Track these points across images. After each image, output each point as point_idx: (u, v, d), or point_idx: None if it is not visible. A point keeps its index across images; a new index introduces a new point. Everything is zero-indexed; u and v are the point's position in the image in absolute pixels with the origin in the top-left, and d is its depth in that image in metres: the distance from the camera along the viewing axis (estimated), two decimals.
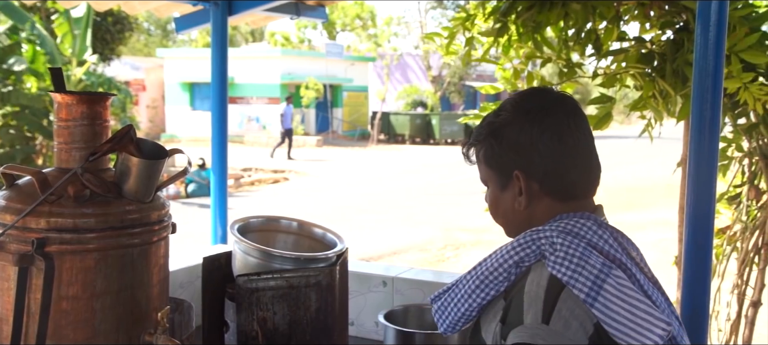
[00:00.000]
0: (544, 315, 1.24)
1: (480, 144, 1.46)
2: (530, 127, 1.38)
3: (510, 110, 1.43)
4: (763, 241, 3.35)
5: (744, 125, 3.09)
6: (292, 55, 30.82)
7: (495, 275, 1.36)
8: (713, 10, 1.78)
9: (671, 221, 3.47)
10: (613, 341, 1.22)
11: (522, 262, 1.33)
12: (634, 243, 1.44)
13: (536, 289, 1.27)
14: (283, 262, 2.12)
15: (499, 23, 2.99)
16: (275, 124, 28.81)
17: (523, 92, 1.49)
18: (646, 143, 3.32)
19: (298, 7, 3.34)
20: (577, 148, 1.39)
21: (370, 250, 9.46)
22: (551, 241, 1.31)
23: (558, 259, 1.27)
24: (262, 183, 17.16)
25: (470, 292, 1.40)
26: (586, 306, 1.23)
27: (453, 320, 1.45)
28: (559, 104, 1.42)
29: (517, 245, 1.35)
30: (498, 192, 1.45)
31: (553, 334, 1.22)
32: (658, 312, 1.24)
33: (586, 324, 1.23)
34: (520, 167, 1.39)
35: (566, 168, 1.38)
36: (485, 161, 1.45)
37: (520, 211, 1.41)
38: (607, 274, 1.25)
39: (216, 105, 3.20)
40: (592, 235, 1.33)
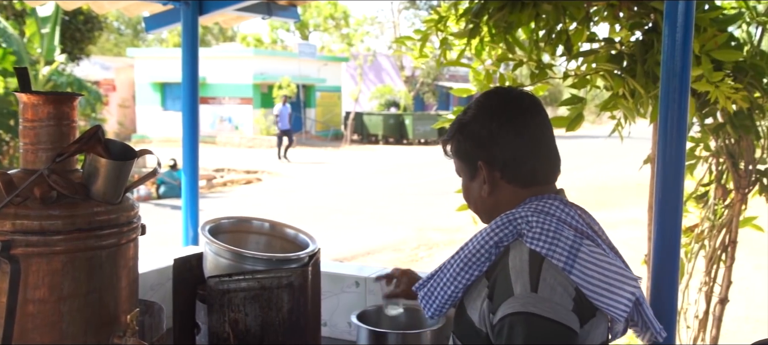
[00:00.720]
0: (532, 284, 1.38)
1: (451, 139, 1.63)
2: (490, 122, 1.55)
3: (474, 108, 1.60)
4: (730, 239, 3.40)
5: (711, 125, 3.13)
6: (265, 56, 30.64)
7: (477, 257, 1.50)
8: (680, 11, 1.81)
9: (641, 220, 3.52)
10: (586, 306, 1.40)
11: (501, 242, 1.48)
12: (595, 219, 1.61)
13: (520, 264, 1.41)
14: (254, 263, 2.11)
15: (471, 25, 3.00)
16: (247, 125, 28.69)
17: (486, 92, 1.68)
18: (616, 143, 3.36)
19: (269, 7, 3.32)
20: (533, 139, 1.55)
21: (344, 250, 9.44)
22: (527, 220, 1.46)
23: (535, 235, 1.43)
24: (234, 184, 17.04)
25: (455, 274, 1.54)
26: (566, 273, 1.39)
27: (440, 303, 1.58)
28: (516, 101, 1.59)
29: (495, 227, 1.49)
30: (468, 182, 1.63)
31: (542, 301, 1.36)
32: (627, 272, 1.42)
33: (568, 288, 1.38)
34: (482, 158, 1.55)
35: (524, 157, 1.54)
36: (456, 154, 1.62)
37: (485, 198, 1.58)
38: (579, 243, 1.41)
39: (187, 105, 3.17)
40: (560, 212, 1.49)
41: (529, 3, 2.89)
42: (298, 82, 28.57)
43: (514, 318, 1.36)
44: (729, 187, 3.30)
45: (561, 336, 1.34)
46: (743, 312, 6.63)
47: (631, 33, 2.96)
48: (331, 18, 33.74)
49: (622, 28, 2.98)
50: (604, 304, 1.38)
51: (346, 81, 35.20)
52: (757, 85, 2.88)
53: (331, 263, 2.85)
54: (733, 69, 2.82)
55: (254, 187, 16.63)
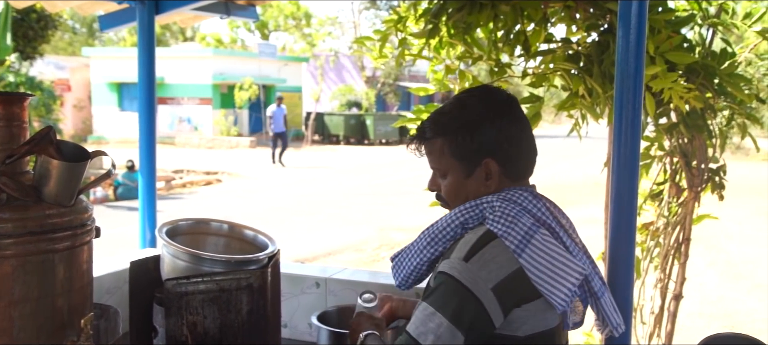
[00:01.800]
0: (468, 254, 1.50)
1: (445, 137, 1.63)
2: (500, 119, 1.60)
3: (476, 105, 1.62)
4: (684, 237, 3.47)
5: (665, 125, 3.19)
6: (224, 56, 30.35)
7: (443, 234, 1.61)
8: (633, 13, 1.84)
9: (599, 219, 3.58)
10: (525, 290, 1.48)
11: (466, 224, 1.58)
12: (565, 213, 1.69)
13: (471, 237, 1.54)
14: (213, 264, 2.09)
15: (431, 25, 3.01)
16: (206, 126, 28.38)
17: (479, 90, 1.72)
18: (575, 142, 3.41)
19: (227, 6, 3.29)
20: (529, 135, 1.66)
21: (305, 251, 9.40)
22: (491, 205, 1.56)
23: (495, 217, 1.53)
24: (194, 185, 16.84)
25: (421, 248, 1.65)
26: (514, 256, 1.48)
27: (406, 274, 1.70)
28: (513, 100, 1.66)
29: (463, 209, 1.60)
30: (461, 179, 1.64)
31: (467, 270, 1.47)
32: (574, 262, 1.50)
33: (502, 270, 1.48)
34: (491, 155, 1.60)
35: (524, 153, 1.64)
36: (451, 153, 1.63)
37: (487, 193, 1.62)
38: (535, 231, 1.51)
39: (143, 106, 3.12)
40: (527, 202, 1.58)
41: (487, 4, 2.92)
42: (258, 83, 28.37)
43: (440, 276, 1.51)
44: (682, 186, 3.37)
45: (468, 303, 1.45)
46: (697, 308, 6.79)
47: (587, 34, 3.01)
48: (292, 18, 33.57)
49: (579, 29, 3.02)
50: (546, 290, 1.47)
51: (306, 81, 35.06)
52: (708, 86, 2.95)
53: (291, 264, 2.83)
54: (686, 70, 2.88)
55: (214, 189, 16.46)
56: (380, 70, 33.86)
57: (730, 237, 10.29)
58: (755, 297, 7.54)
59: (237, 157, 23.22)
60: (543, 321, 1.53)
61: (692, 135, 3.15)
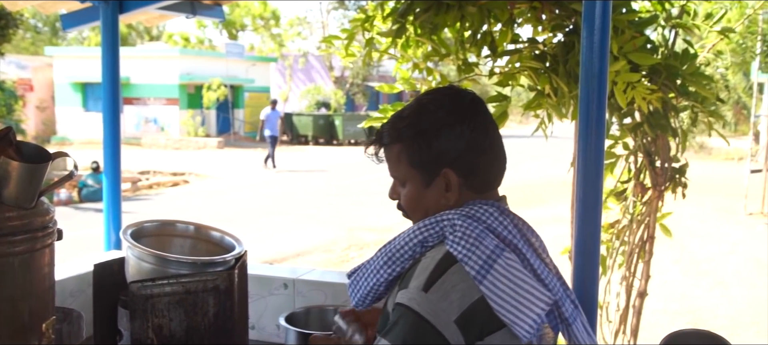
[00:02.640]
0: (427, 284, 1.35)
1: (402, 144, 1.48)
2: (461, 126, 1.44)
3: (436, 110, 1.46)
4: (648, 235, 3.52)
5: (629, 124, 3.24)
6: (191, 55, 30.07)
7: (401, 253, 1.45)
8: (597, 14, 1.86)
9: (567, 217, 3.61)
10: (489, 320, 1.33)
11: (426, 242, 1.43)
12: (536, 232, 1.54)
13: (429, 262, 1.38)
14: (178, 266, 2.07)
15: (398, 24, 3.02)
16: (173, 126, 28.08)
17: (441, 92, 1.55)
18: (543, 142, 3.44)
19: (193, 6, 3.25)
20: (495, 143, 1.49)
21: (274, 252, 9.35)
22: (452, 223, 1.40)
23: (456, 238, 1.37)
24: (160, 186, 16.65)
25: (378, 268, 1.49)
26: (475, 282, 1.33)
27: (363, 294, 1.53)
28: (478, 103, 1.49)
29: (422, 226, 1.44)
30: (421, 189, 1.49)
31: (428, 302, 1.33)
32: (540, 291, 1.35)
33: (464, 299, 1.33)
34: (449, 165, 1.45)
35: (489, 162, 1.48)
36: (409, 161, 1.48)
37: (446, 205, 1.47)
38: (498, 255, 1.36)
39: (107, 106, 3.08)
40: (492, 220, 1.42)
41: (454, 5, 2.93)
42: (226, 83, 28.16)
43: (398, 308, 1.36)
44: (647, 185, 3.42)
45: (430, 338, 1.32)
46: (662, 305, 6.90)
47: (553, 35, 3.04)
48: (260, 17, 33.39)
49: (545, 29, 3.05)
50: (509, 319, 1.32)
51: (275, 81, 34.90)
52: (671, 86, 3.00)
53: (259, 265, 2.81)
54: (649, 70, 2.93)
55: (181, 190, 16.30)
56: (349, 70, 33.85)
57: (693, 235, 10.48)
58: (717, 293, 7.69)
59: (204, 158, 23.01)
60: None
61: (656, 134, 3.20)
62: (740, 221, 12.02)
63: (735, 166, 18.45)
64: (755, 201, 12.57)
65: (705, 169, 17.39)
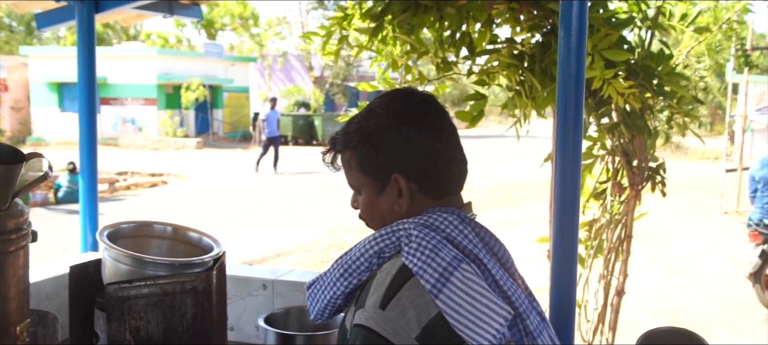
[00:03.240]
0: (384, 301, 1.28)
1: (351, 150, 1.44)
2: (408, 129, 1.38)
3: (383, 114, 1.42)
4: (626, 234, 3.55)
5: (607, 125, 3.26)
6: (169, 55, 29.84)
7: (357, 265, 1.39)
8: (574, 14, 1.87)
9: (546, 217, 3.63)
10: (448, 335, 1.26)
11: (382, 253, 1.37)
12: (501, 242, 1.47)
13: (385, 277, 1.31)
14: (156, 268, 2.05)
15: (375, 23, 3.02)
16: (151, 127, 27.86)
17: (391, 94, 1.49)
18: (523, 141, 3.45)
19: (171, 5, 3.23)
20: (450, 145, 1.42)
21: (253, 253, 9.31)
22: (408, 233, 1.34)
23: (411, 250, 1.31)
24: (139, 187, 16.52)
25: (335, 280, 1.43)
26: (430, 297, 1.27)
27: (320, 307, 1.47)
28: (428, 104, 1.44)
29: (378, 236, 1.38)
30: (374, 196, 1.44)
31: (386, 320, 1.27)
32: (499, 305, 1.28)
33: (422, 314, 1.26)
34: (399, 170, 1.39)
35: (443, 166, 1.41)
36: (359, 167, 1.43)
37: (400, 212, 1.42)
38: (455, 267, 1.29)
39: (83, 107, 3.04)
40: (452, 229, 1.36)
41: (432, 6, 2.93)
42: (204, 83, 28.00)
43: (357, 329, 1.30)
44: (624, 184, 3.45)
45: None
46: (640, 303, 6.97)
47: (531, 35, 3.06)
48: (239, 17, 33.23)
49: (523, 29, 3.06)
50: (467, 335, 1.25)
51: (255, 81, 34.76)
52: (647, 86, 3.03)
53: (237, 266, 2.80)
54: (626, 70, 2.96)
55: (160, 191, 16.18)
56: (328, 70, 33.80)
57: (670, 233, 10.59)
58: (694, 291, 7.78)
59: (183, 158, 22.87)
60: None
61: (633, 134, 3.23)
62: (716, 220, 12.17)
63: (711, 165, 18.69)
64: (730, 200, 12.73)
65: (681, 168, 17.60)
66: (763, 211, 7.01)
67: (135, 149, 25.62)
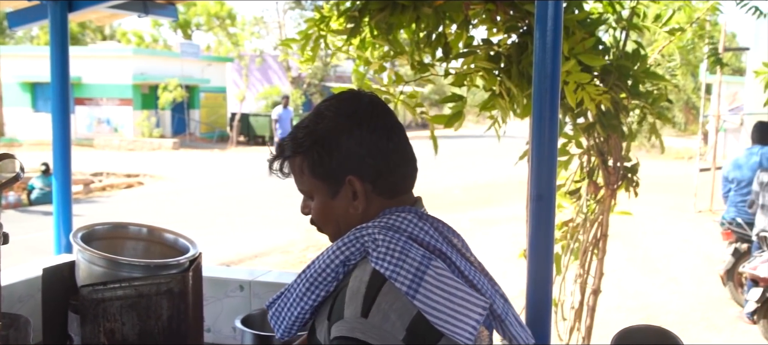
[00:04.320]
0: (364, 309, 1.28)
1: (302, 155, 1.43)
2: (359, 130, 1.39)
3: (332, 116, 1.41)
4: (601, 233, 3.58)
5: (582, 124, 3.29)
6: (145, 55, 29.57)
7: (324, 276, 1.38)
8: (550, 15, 1.89)
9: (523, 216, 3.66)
10: (429, 332, 1.28)
11: (348, 261, 1.36)
12: (455, 230, 1.50)
13: (358, 285, 1.31)
14: (131, 270, 2.03)
15: (353, 24, 3.01)
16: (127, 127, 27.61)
17: (337, 97, 1.48)
18: (501, 142, 3.47)
19: (146, 5, 3.20)
20: (401, 144, 1.44)
21: (231, 254, 9.26)
22: (374, 238, 1.34)
23: (380, 255, 1.31)
24: (114, 188, 16.36)
25: (301, 295, 1.41)
26: (408, 298, 1.28)
27: (287, 325, 1.45)
28: (376, 104, 1.45)
29: (342, 245, 1.37)
30: (327, 200, 1.44)
31: (371, 327, 1.26)
32: (475, 297, 1.31)
33: (404, 315, 1.28)
34: (353, 172, 1.40)
35: (396, 165, 1.42)
36: (311, 172, 1.42)
37: (355, 214, 1.42)
38: (427, 265, 1.31)
39: (57, 107, 3.01)
40: (413, 227, 1.38)
41: (409, 5, 2.94)
42: (181, 83, 27.79)
43: (341, 341, 1.28)
44: (600, 183, 3.48)
45: None
46: (616, 302, 7.03)
47: (507, 36, 3.07)
48: (216, 17, 33.02)
49: (499, 30, 3.08)
50: (448, 330, 1.28)
51: (232, 81, 34.57)
52: (622, 86, 3.06)
53: (215, 268, 2.78)
54: (601, 70, 2.98)
55: (136, 192, 16.03)
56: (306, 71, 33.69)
57: (645, 232, 10.71)
58: (669, 289, 7.87)
59: (159, 159, 22.68)
60: None
61: (608, 134, 3.26)
62: (690, 219, 12.32)
63: (685, 165, 18.92)
64: (704, 199, 12.89)
65: (656, 168, 17.79)
66: (736, 210, 7.11)
67: (110, 150, 25.36)
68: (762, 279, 5.99)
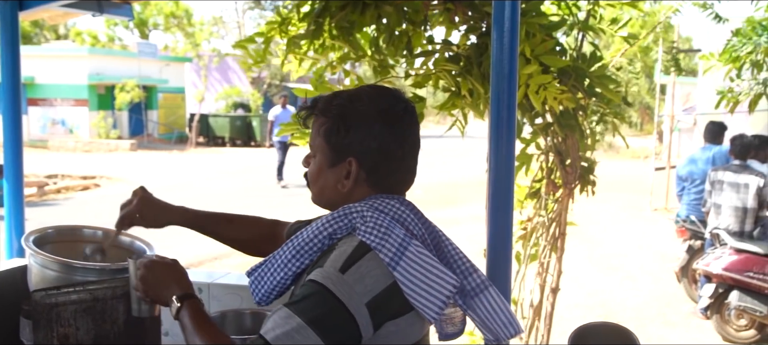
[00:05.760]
0: (344, 265, 1.40)
1: (325, 119, 1.54)
2: (380, 127, 1.51)
3: (367, 103, 1.53)
4: (560, 232, 3.63)
5: (541, 125, 3.33)
6: (101, 55, 29.01)
7: (310, 246, 1.51)
8: (507, 16, 1.90)
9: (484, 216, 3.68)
10: (395, 305, 1.41)
11: (335, 235, 1.49)
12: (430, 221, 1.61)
13: (346, 248, 1.44)
14: (85, 273, 1.99)
15: (314, 26, 3.00)
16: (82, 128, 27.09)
17: (381, 89, 1.60)
18: (462, 142, 3.50)
19: (100, 4, 3.14)
20: (409, 155, 1.56)
21: (190, 256, 9.14)
22: (362, 215, 1.48)
23: (367, 229, 1.45)
24: (70, 190, 16.01)
25: (286, 261, 1.53)
26: (389, 269, 1.41)
27: (268, 290, 1.56)
28: (408, 114, 1.56)
29: (331, 219, 1.50)
30: (325, 166, 1.56)
31: (343, 283, 1.38)
32: (448, 275, 1.44)
33: (378, 284, 1.40)
34: (356, 156, 1.51)
35: (395, 169, 1.54)
36: (325, 136, 1.54)
37: (341, 192, 1.54)
38: (408, 242, 1.44)
39: (8, 107, 2.94)
40: (396, 210, 1.51)
41: (370, 4, 2.94)
42: (138, 83, 27.36)
43: (312, 284, 1.39)
44: (558, 183, 3.52)
45: (341, 318, 1.36)
46: (574, 299, 7.12)
47: (466, 37, 3.09)
48: (173, 16, 32.58)
49: (458, 31, 3.09)
50: (419, 303, 1.41)
51: (189, 82, 34.15)
52: (579, 87, 3.10)
53: None
54: (559, 72, 3.02)
55: (92, 194, 15.72)
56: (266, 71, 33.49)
57: (603, 230, 10.88)
58: (626, 287, 8.01)
59: (117, 160, 22.28)
60: (412, 334, 1.48)
61: (566, 134, 3.30)
62: (646, 217, 12.56)
63: (641, 164, 19.28)
64: (660, 197, 13.15)
65: (613, 167, 18.10)
66: (690, 208, 7.27)
67: (65, 151, 24.84)
68: (715, 275, 6.14)
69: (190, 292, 1.66)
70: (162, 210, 2.07)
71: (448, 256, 1.57)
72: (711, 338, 6.33)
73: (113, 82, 27.30)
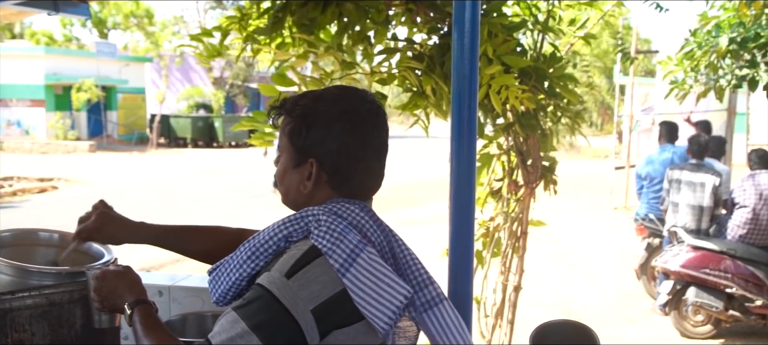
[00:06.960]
0: (290, 271, 1.38)
1: (290, 119, 1.53)
2: (341, 128, 1.48)
3: (329, 103, 1.51)
4: (522, 231, 3.66)
5: (502, 125, 3.35)
6: (58, 54, 28.45)
7: (265, 248, 1.48)
8: (467, 17, 1.91)
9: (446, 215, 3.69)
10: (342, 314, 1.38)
11: (290, 237, 1.47)
12: (400, 238, 1.58)
13: (295, 252, 1.42)
14: (41, 277, 1.95)
15: (273, 21, 2.98)
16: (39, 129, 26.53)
17: (345, 90, 1.58)
18: (425, 141, 3.51)
19: (56, 3, 3.08)
20: (374, 155, 1.53)
21: (150, 259, 9.00)
22: (317, 218, 1.46)
23: (321, 233, 1.42)
24: (26, 193, 15.66)
25: (241, 262, 1.51)
26: (338, 275, 1.38)
27: (224, 290, 1.54)
28: (374, 116, 1.53)
29: (287, 221, 1.49)
30: (289, 166, 1.54)
31: (287, 288, 1.37)
32: (400, 285, 1.41)
33: (326, 290, 1.38)
34: (316, 157, 1.50)
35: (356, 171, 1.51)
36: (288, 136, 1.53)
37: (303, 193, 1.53)
38: (361, 249, 1.41)
39: None
40: (354, 216, 1.48)
41: (331, 2, 2.93)
42: (97, 83, 26.87)
43: (258, 288, 1.39)
44: (520, 182, 3.55)
45: (284, 324, 1.35)
46: (537, 298, 7.19)
47: (429, 36, 3.10)
48: (132, 16, 32.09)
49: (420, 31, 3.10)
50: (369, 312, 1.38)
51: (150, 82, 33.66)
52: (540, 87, 3.13)
53: None
54: (520, 72, 3.05)
55: (50, 196, 15.41)
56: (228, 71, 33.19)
57: (564, 229, 11.01)
58: (587, 284, 8.12)
59: (75, 162, 21.85)
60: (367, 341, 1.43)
61: (527, 134, 3.33)
62: (607, 216, 12.74)
63: (601, 163, 19.56)
64: (619, 196, 13.35)
65: (574, 167, 18.34)
66: (649, 207, 7.39)
67: (21, 153, 24.31)
68: (673, 272, 6.25)
69: (142, 298, 1.65)
70: (121, 227, 2.02)
71: (404, 266, 1.53)
72: (669, 334, 6.45)
73: (71, 83, 26.80)
